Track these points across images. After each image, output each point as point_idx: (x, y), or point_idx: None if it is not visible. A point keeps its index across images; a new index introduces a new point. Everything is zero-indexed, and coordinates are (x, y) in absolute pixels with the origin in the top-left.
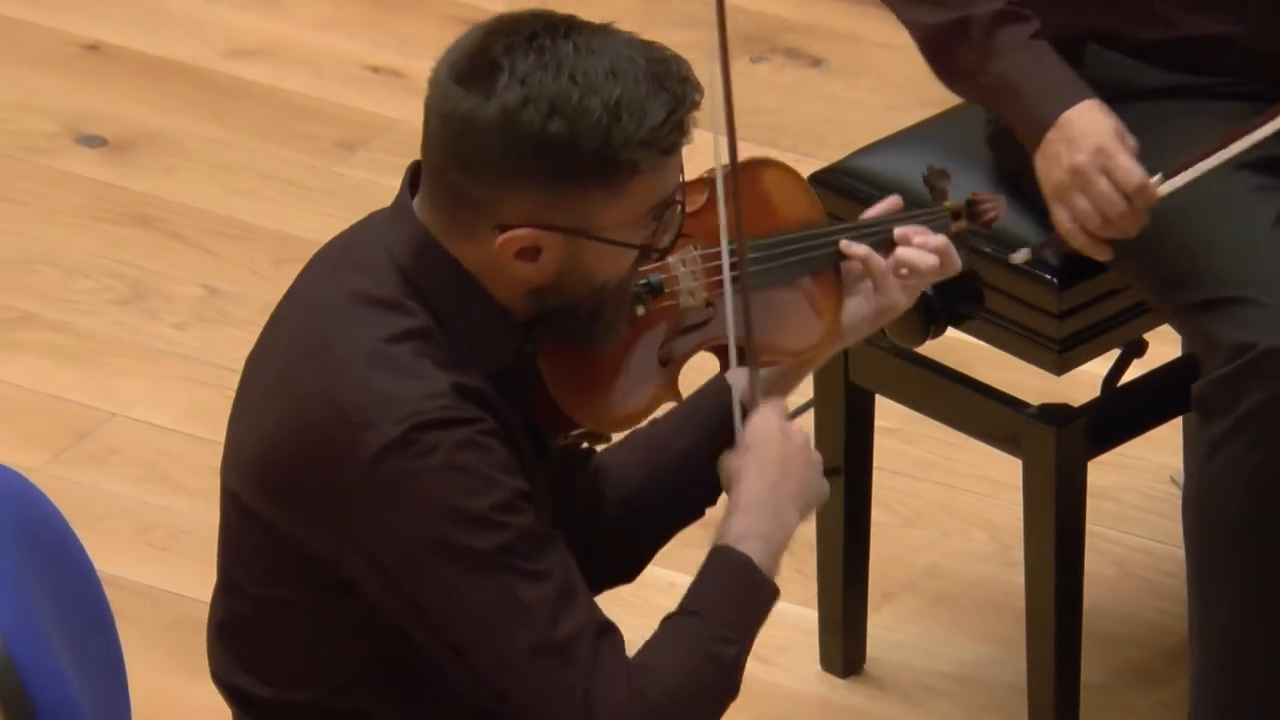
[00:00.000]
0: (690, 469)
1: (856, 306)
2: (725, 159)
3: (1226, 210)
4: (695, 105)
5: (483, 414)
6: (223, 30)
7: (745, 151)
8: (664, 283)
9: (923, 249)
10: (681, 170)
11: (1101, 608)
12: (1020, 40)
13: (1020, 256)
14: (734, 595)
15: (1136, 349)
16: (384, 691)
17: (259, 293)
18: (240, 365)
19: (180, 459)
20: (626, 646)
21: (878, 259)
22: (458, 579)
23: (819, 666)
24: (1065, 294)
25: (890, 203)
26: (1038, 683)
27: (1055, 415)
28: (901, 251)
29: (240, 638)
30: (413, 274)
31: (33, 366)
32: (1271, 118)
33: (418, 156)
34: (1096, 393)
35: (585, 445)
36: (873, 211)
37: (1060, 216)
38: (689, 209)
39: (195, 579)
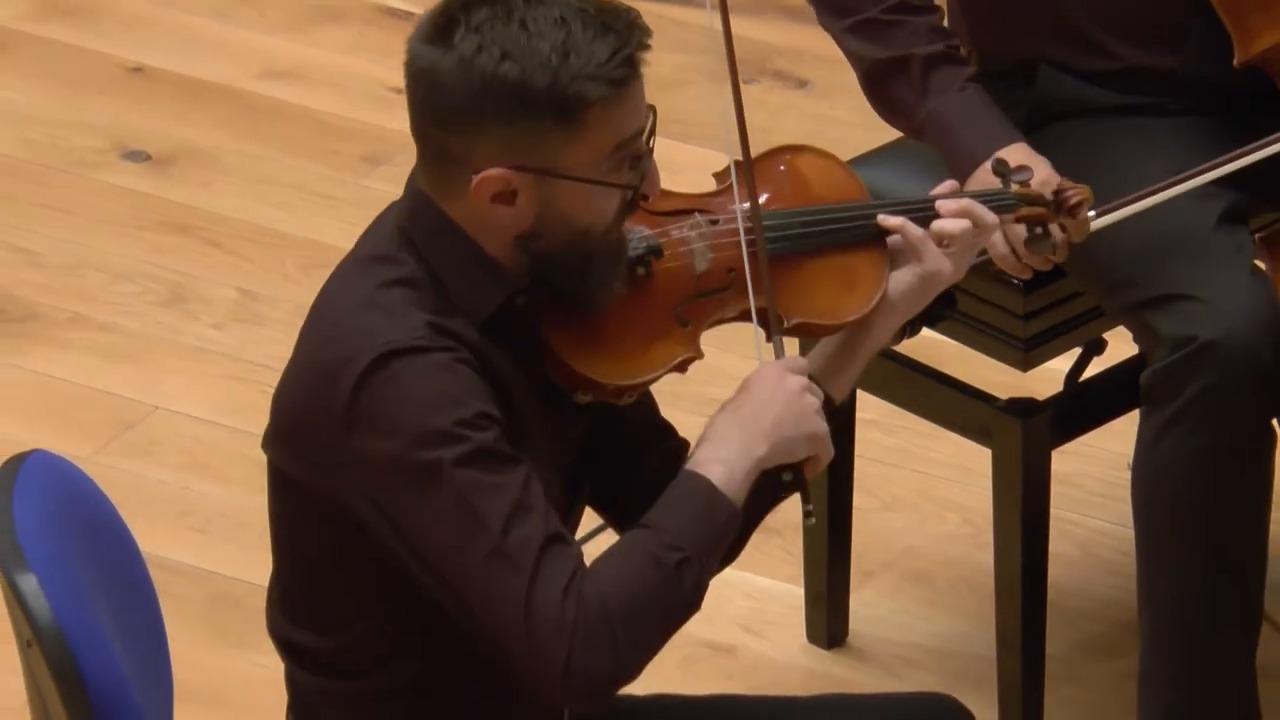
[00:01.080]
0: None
1: (902, 277)
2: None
3: (1170, 214)
4: (642, 45)
5: (456, 347)
6: (256, 54)
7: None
8: (663, 245)
9: (954, 215)
10: (649, 111)
11: (1064, 585)
12: (955, 82)
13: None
14: (688, 512)
15: (1096, 347)
16: (408, 634)
17: (290, 295)
18: (273, 362)
19: (218, 449)
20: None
21: (913, 227)
22: (423, 490)
23: (805, 639)
24: (1030, 297)
25: (947, 185)
26: (1005, 654)
27: (1021, 408)
28: (936, 222)
29: (286, 592)
30: (409, 231)
31: (82, 363)
32: (1202, 172)
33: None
34: (1060, 388)
35: (610, 402)
36: (932, 191)
37: (994, 240)
38: (721, 188)
39: (231, 559)
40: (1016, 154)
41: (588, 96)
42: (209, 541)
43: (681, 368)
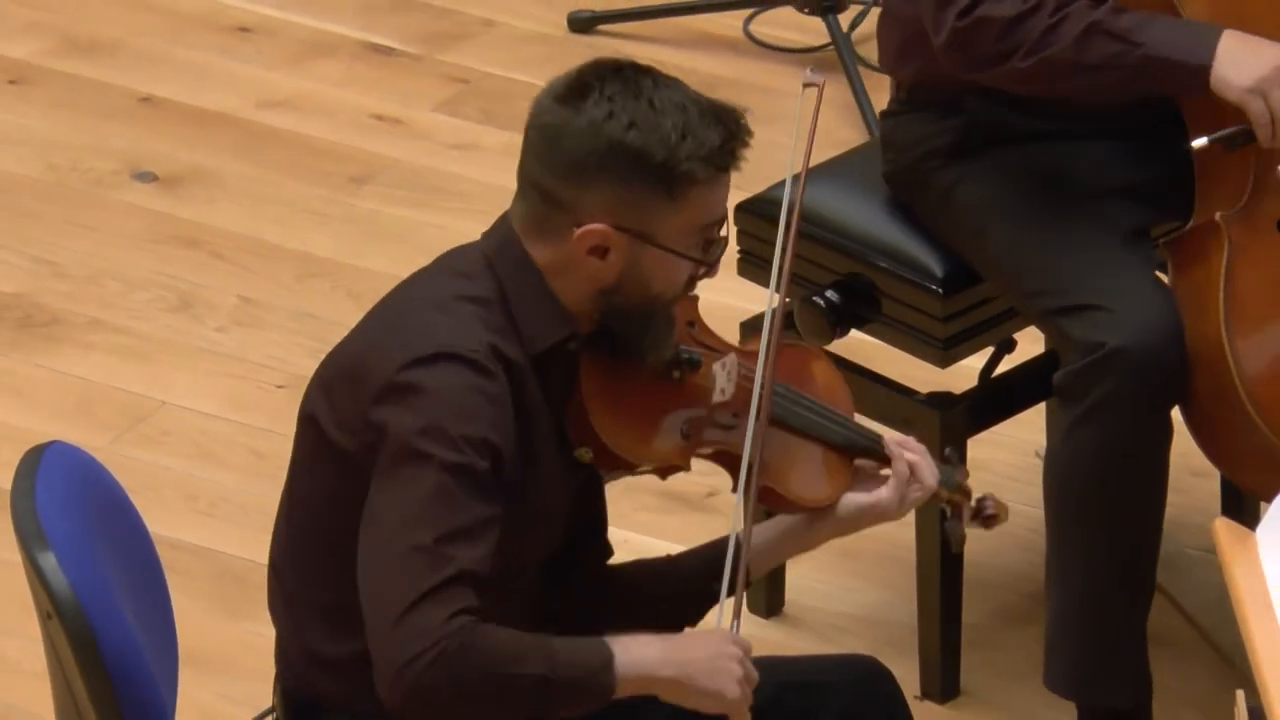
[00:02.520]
0: (666, 593)
1: (854, 498)
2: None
3: (1083, 230)
4: (745, 142)
5: (503, 377)
6: (255, 86)
7: None
8: (699, 363)
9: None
10: (726, 208)
11: (979, 560)
12: (1144, 18)
13: (1199, 143)
14: (579, 658)
15: (1007, 346)
16: None
17: (285, 301)
18: (271, 361)
19: (221, 440)
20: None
21: (912, 461)
22: (405, 470)
23: (746, 609)
24: (948, 301)
25: (920, 447)
26: (926, 622)
27: (940, 401)
28: (915, 467)
29: (291, 539)
30: (494, 259)
31: (99, 363)
32: None
33: (416, 189)
34: (974, 382)
35: (600, 469)
36: (909, 441)
37: (1257, 108)
38: (749, 349)
39: (234, 539)
40: (1231, 43)
41: (695, 175)
42: (213, 523)
43: (665, 473)
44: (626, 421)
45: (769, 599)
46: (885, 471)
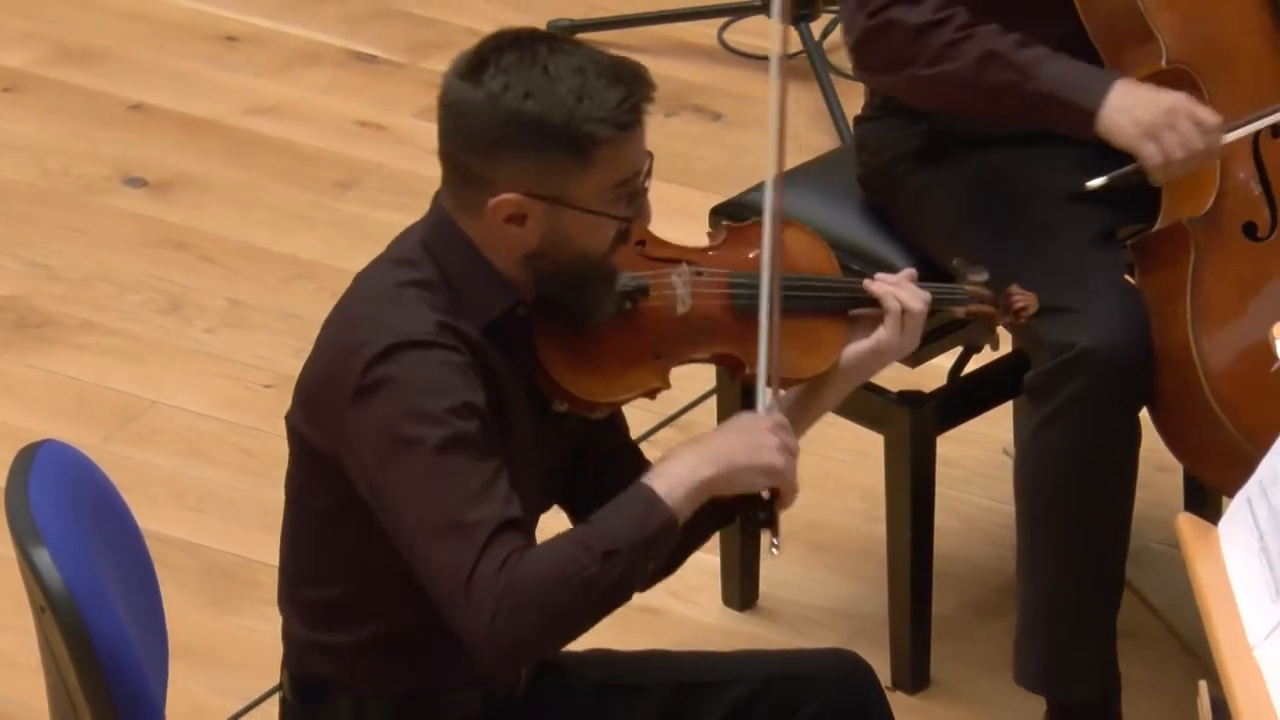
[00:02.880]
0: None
1: (860, 346)
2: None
3: (1053, 233)
4: (647, 97)
5: (458, 346)
6: (243, 94)
7: (667, 192)
8: (650, 287)
9: (918, 298)
10: (648, 156)
11: (949, 554)
12: (1046, 53)
13: (1095, 183)
14: (626, 514)
15: (975, 347)
16: (397, 589)
17: (273, 303)
18: (258, 362)
19: (210, 438)
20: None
21: (896, 296)
22: (404, 461)
23: (721, 602)
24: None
25: (907, 273)
26: (897, 614)
27: (911, 400)
28: (903, 297)
29: (296, 549)
30: (430, 242)
31: (92, 363)
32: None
33: (400, 194)
34: (944, 382)
35: (582, 414)
36: (891, 277)
37: (1149, 151)
38: (713, 244)
39: (222, 535)
40: (1123, 91)
41: (597, 136)
42: (203, 519)
43: (650, 395)
44: (589, 369)
45: (743, 592)
46: (879, 310)
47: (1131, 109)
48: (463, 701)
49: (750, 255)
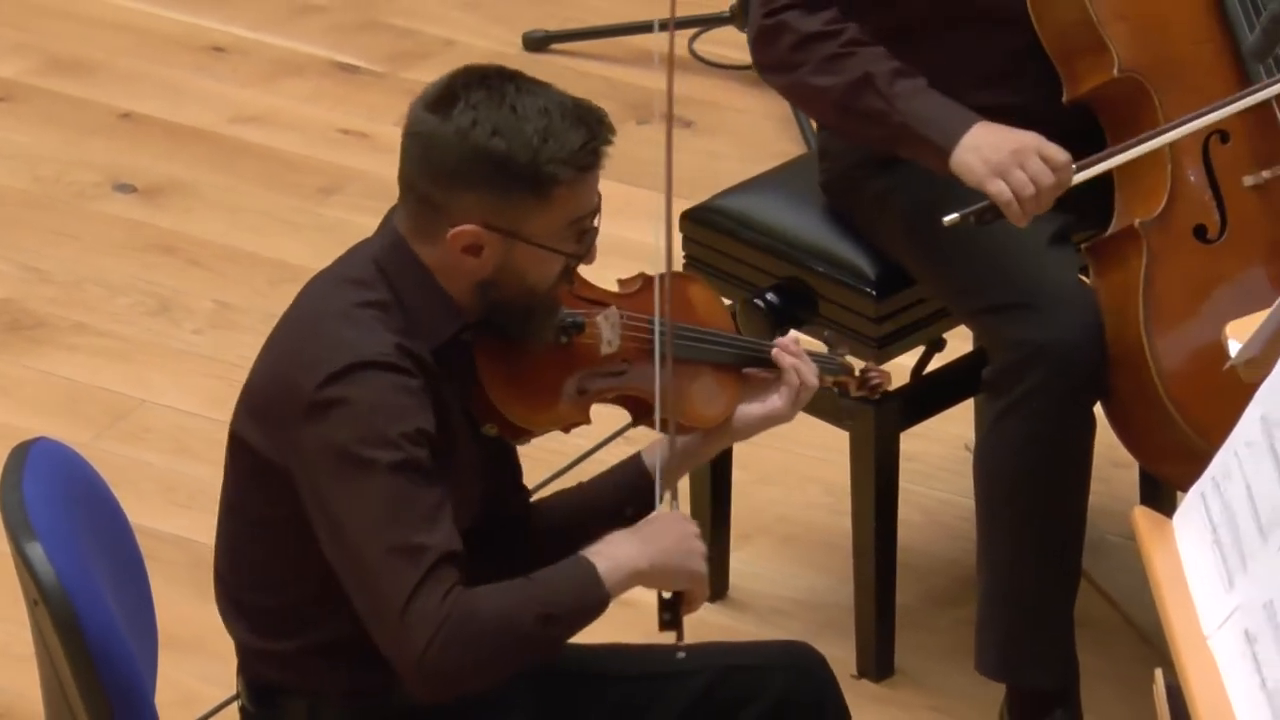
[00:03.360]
0: (590, 527)
1: (750, 409)
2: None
3: (1010, 234)
4: (607, 141)
5: (414, 370)
6: (229, 103)
7: (637, 196)
8: (585, 325)
9: (800, 369)
10: (598, 198)
11: (912, 546)
12: (918, 87)
13: (949, 219)
14: (569, 583)
15: (938, 345)
16: (337, 599)
17: (259, 305)
18: (245, 362)
19: (198, 436)
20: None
21: (802, 368)
22: (355, 480)
23: None
24: (881, 303)
25: (790, 337)
26: (862, 604)
27: (874, 397)
28: (801, 371)
29: (234, 557)
30: (383, 263)
31: (83, 364)
32: (1163, 132)
33: (381, 200)
34: (907, 379)
35: (507, 439)
36: (794, 348)
37: (997, 189)
38: (629, 292)
39: (210, 529)
40: (977, 132)
41: (558, 176)
42: (190, 514)
43: (568, 429)
44: (524, 395)
45: (714, 584)
46: (774, 374)
47: (981, 149)
48: (414, 694)
49: (672, 307)
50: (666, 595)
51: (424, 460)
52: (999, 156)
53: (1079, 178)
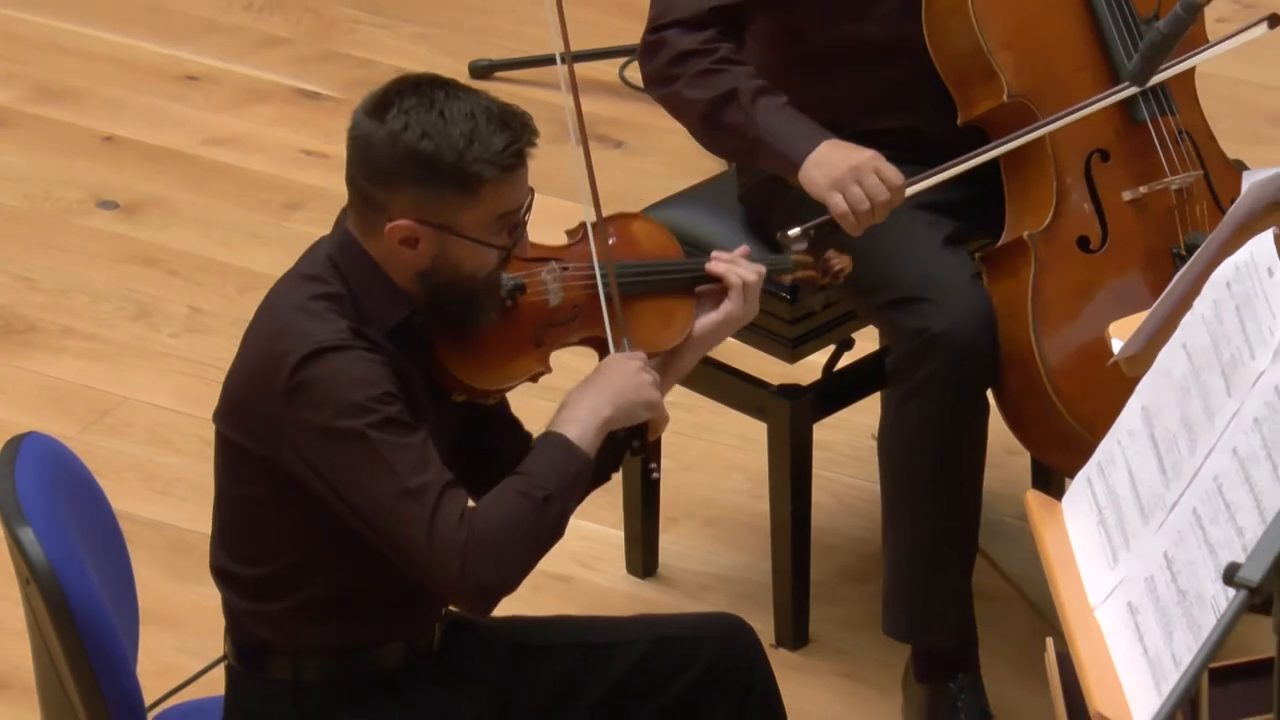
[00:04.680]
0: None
1: (708, 318)
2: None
3: (908, 237)
4: (531, 143)
5: (369, 348)
6: (203, 126)
7: (575, 209)
8: (527, 285)
9: (754, 271)
10: (529, 193)
11: (824, 526)
12: (777, 105)
13: (793, 232)
14: (550, 460)
15: (847, 345)
16: (321, 566)
17: (230, 311)
18: (218, 362)
19: (176, 429)
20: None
21: (736, 272)
22: (346, 450)
23: (625, 571)
24: (795, 306)
25: (740, 250)
26: (779, 580)
27: (789, 392)
28: (738, 271)
29: (225, 534)
30: (337, 259)
31: (69, 364)
32: (974, 156)
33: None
34: (819, 376)
35: (478, 402)
36: (727, 255)
37: (836, 201)
38: (574, 242)
39: (186, 514)
40: (840, 143)
41: (483, 175)
42: (169, 501)
43: (534, 379)
44: (482, 363)
45: (645, 562)
46: (721, 285)
47: (823, 165)
48: (388, 654)
49: (609, 245)
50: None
51: (398, 415)
52: (838, 173)
53: (911, 190)
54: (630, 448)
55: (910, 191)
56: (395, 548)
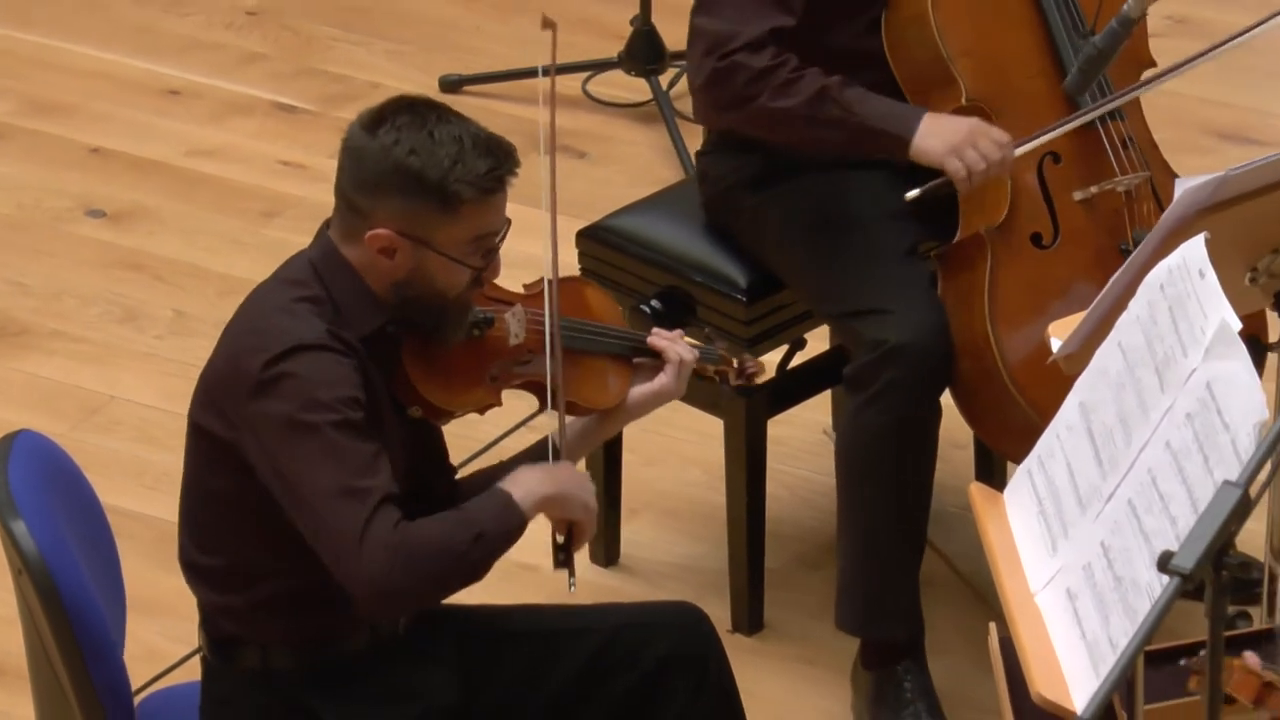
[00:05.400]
0: None
1: (641, 389)
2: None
3: (871, 246)
4: (512, 171)
5: (345, 350)
6: (186, 139)
7: (540, 217)
8: (494, 320)
9: (688, 351)
10: (506, 222)
11: (778, 517)
12: (863, 93)
13: (912, 195)
14: (492, 507)
15: (799, 344)
16: (282, 558)
17: (212, 314)
18: (201, 363)
19: (161, 427)
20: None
21: (676, 349)
22: (301, 442)
23: (589, 560)
24: (751, 308)
25: (677, 333)
26: (735, 569)
27: (745, 389)
28: (677, 350)
29: (192, 526)
30: (318, 265)
31: (60, 365)
32: (1088, 112)
33: (317, 221)
34: (773, 374)
35: (431, 420)
36: (667, 334)
37: (954, 166)
38: (532, 291)
39: (171, 508)
40: (929, 121)
41: (463, 195)
42: (155, 495)
43: (484, 410)
44: (444, 381)
45: (607, 552)
46: (659, 360)
47: (939, 133)
48: (354, 641)
49: (568, 306)
50: (560, 539)
51: (359, 421)
52: (956, 139)
53: (1018, 150)
54: (556, 559)
55: (1019, 151)
56: (325, 540)
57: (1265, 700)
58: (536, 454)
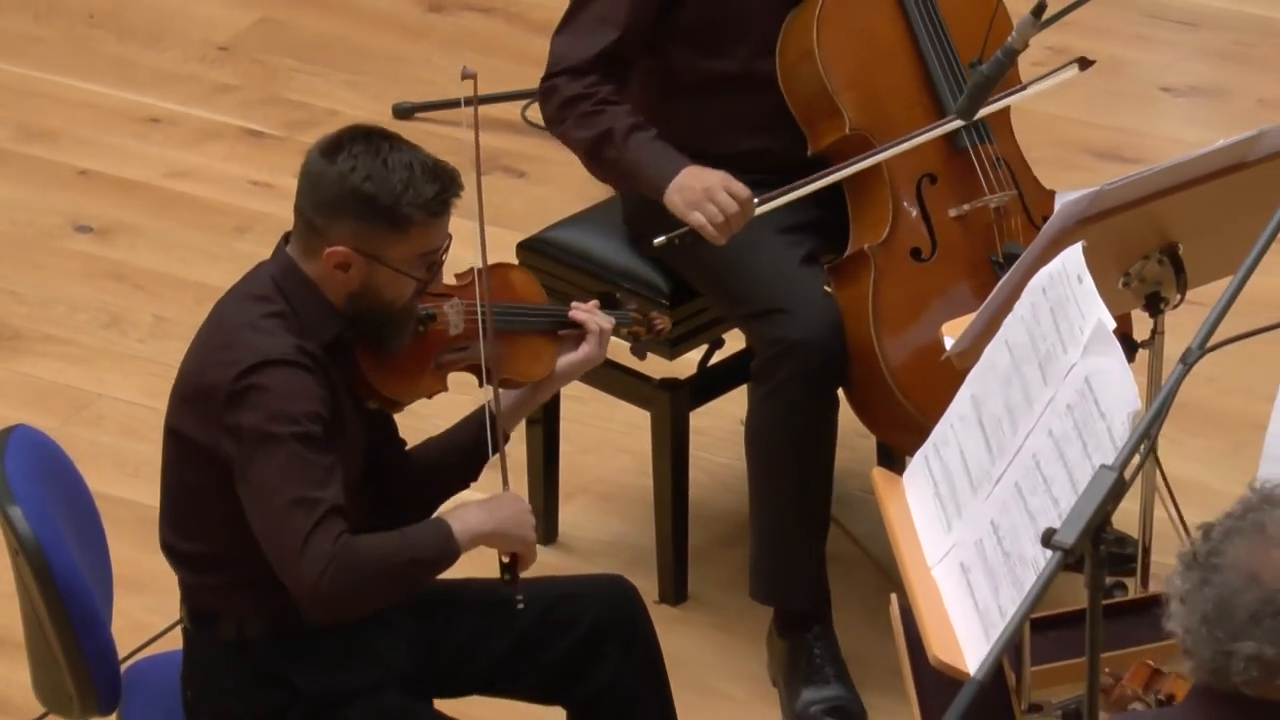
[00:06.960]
0: (453, 462)
1: (568, 358)
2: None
3: (770, 255)
4: (456, 195)
5: (311, 365)
6: (164, 161)
7: (470, 229)
8: (435, 316)
9: (606, 320)
10: (448, 238)
11: (700, 499)
12: (646, 139)
13: (659, 241)
14: (431, 536)
15: (718, 344)
16: (253, 544)
17: (189, 319)
18: (179, 364)
19: (143, 421)
20: None
21: (596, 318)
22: (267, 450)
23: None
24: (674, 311)
25: (593, 303)
26: (661, 546)
27: (669, 385)
28: (597, 319)
29: (170, 515)
30: (279, 281)
31: (51, 366)
32: (818, 179)
33: (282, 236)
34: (695, 370)
35: (386, 410)
36: (585, 305)
37: (695, 218)
38: (464, 283)
39: (153, 494)
40: (699, 168)
41: (413, 217)
42: (137, 483)
43: (432, 395)
44: (395, 375)
45: (546, 532)
46: (580, 331)
47: (682, 189)
48: (309, 618)
49: (496, 291)
50: (505, 560)
51: (319, 435)
52: (693, 195)
53: (762, 209)
54: (503, 580)
55: (762, 209)
56: (273, 543)
57: (1153, 685)
58: (476, 419)
